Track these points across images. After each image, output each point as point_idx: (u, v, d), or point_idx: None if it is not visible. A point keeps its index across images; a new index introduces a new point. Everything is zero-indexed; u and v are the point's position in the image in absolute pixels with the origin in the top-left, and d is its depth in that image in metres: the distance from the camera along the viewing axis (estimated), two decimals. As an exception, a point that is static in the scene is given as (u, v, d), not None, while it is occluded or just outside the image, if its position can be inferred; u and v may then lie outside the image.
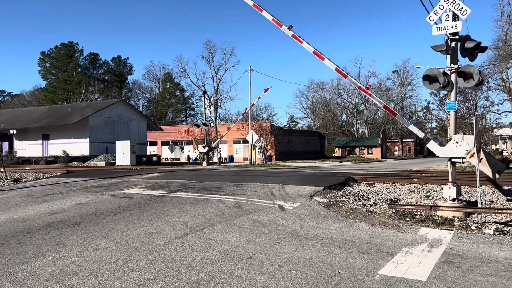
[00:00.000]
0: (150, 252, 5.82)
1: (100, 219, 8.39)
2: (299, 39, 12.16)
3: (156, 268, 5.05)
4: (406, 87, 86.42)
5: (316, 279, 4.64)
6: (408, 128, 11.12)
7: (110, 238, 6.75)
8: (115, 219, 8.37)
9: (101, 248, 6.08)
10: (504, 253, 5.80)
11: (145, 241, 6.48)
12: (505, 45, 27.44)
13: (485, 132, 29.99)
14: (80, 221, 8.16)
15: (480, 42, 9.33)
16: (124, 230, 7.33)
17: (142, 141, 44.68)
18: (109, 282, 4.58)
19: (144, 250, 5.96)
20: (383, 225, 7.78)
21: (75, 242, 6.50)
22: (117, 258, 5.55)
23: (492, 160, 9.61)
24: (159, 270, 4.97)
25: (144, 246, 6.16)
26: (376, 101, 11.85)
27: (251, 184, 13.58)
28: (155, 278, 4.70)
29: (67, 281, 4.63)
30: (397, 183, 14.23)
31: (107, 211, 9.30)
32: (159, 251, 5.89)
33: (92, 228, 7.55)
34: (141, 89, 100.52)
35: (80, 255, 5.70)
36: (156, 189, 12.80)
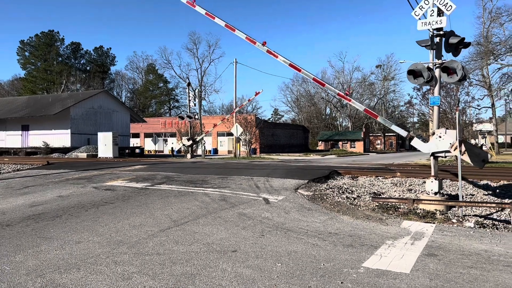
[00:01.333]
0: (133, 245, 5.75)
1: (82, 211, 8.26)
2: (274, 54, 12.39)
3: (140, 261, 5.00)
4: (389, 82, 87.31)
5: (301, 272, 4.66)
6: (391, 128, 11.25)
7: (92, 231, 6.64)
8: (98, 211, 8.25)
9: (84, 241, 5.98)
10: (484, 246, 5.91)
11: (129, 234, 6.40)
12: (486, 42, 27.93)
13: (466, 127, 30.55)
14: (61, 214, 8.01)
15: (463, 38, 9.45)
16: (107, 223, 7.23)
17: (125, 132, 44.14)
18: (92, 275, 4.51)
19: (128, 243, 5.88)
20: (366, 218, 7.85)
21: (57, 235, 6.38)
22: (100, 251, 5.47)
23: (476, 150, 9.79)
24: (143, 263, 4.92)
25: (128, 239, 6.09)
26: (357, 106, 12.06)
27: (236, 177, 13.56)
28: (139, 271, 4.65)
29: (49, 274, 4.54)
30: (380, 177, 14.40)
31: (89, 203, 9.16)
32: (143, 244, 5.83)
33: (74, 220, 7.42)
34: (124, 80, 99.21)
35: (61, 248, 5.60)
36: (140, 182, 12.67)
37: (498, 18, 26.99)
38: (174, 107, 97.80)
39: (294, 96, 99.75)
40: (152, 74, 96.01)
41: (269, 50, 12.39)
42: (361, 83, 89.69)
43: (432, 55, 9.75)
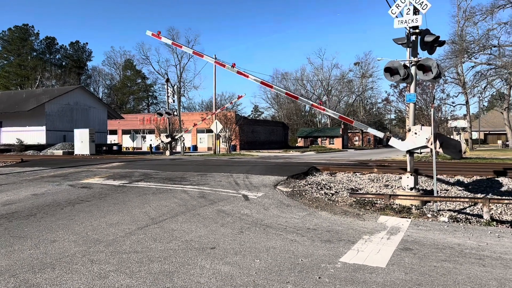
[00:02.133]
0: (110, 244, 5.67)
1: (58, 210, 8.10)
2: (244, 74, 12.77)
3: (117, 260, 4.93)
4: (367, 79, 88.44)
5: (279, 268, 4.69)
6: (367, 131, 11.48)
7: (68, 229, 6.52)
8: (74, 210, 8.10)
9: (59, 240, 5.87)
10: (457, 240, 6.07)
11: (106, 232, 6.31)
12: (460, 40, 28.57)
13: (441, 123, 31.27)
14: (36, 212, 7.83)
15: (438, 36, 9.64)
16: (83, 221, 7.11)
17: (102, 129, 43.40)
18: (67, 274, 4.43)
19: (105, 241, 5.80)
20: (344, 214, 7.95)
21: (31, 234, 6.24)
22: (76, 250, 5.38)
23: (452, 142, 10.03)
24: (120, 262, 4.86)
25: (105, 238, 6.00)
26: (331, 114, 12.34)
27: (215, 174, 13.52)
28: (116, 270, 4.59)
29: (22, 274, 4.44)
30: (358, 173, 14.60)
31: (65, 201, 8.98)
32: (120, 242, 5.75)
33: (49, 219, 7.27)
34: (101, 75, 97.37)
35: (36, 248, 5.48)
36: (117, 179, 12.49)
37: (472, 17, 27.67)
38: (153, 103, 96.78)
39: (273, 92, 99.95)
40: (130, 70, 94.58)
41: (239, 71, 12.81)
42: (339, 80, 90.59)
43: (409, 53, 9.92)
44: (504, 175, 13.17)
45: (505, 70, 25.57)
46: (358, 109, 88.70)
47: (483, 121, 77.08)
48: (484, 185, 12.27)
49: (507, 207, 10.16)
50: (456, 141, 9.84)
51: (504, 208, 10.14)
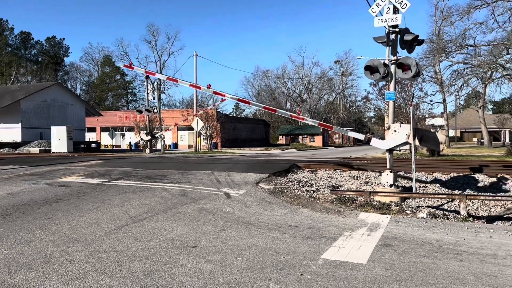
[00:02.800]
0: (89, 243, 5.57)
1: (35, 209, 7.90)
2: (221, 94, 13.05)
3: (96, 259, 4.85)
4: (347, 77, 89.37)
5: (261, 265, 4.68)
6: (347, 134, 11.64)
7: (45, 229, 6.37)
8: (51, 209, 7.92)
9: (36, 240, 5.73)
10: (435, 235, 6.19)
11: (84, 232, 6.19)
12: (438, 39, 29.11)
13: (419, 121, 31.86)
14: (11, 212, 7.63)
15: (418, 35, 9.79)
16: (61, 220, 6.96)
17: (80, 127, 42.63)
18: (45, 275, 4.33)
19: (83, 241, 5.69)
20: (325, 211, 8.01)
21: (6, 234, 6.07)
22: (53, 250, 5.26)
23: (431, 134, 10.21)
24: (99, 261, 4.77)
25: (83, 237, 5.89)
26: (310, 122, 12.54)
27: (196, 172, 13.43)
28: (95, 269, 4.51)
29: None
30: (339, 170, 14.73)
31: (42, 200, 8.77)
32: (100, 241, 5.65)
33: (26, 218, 7.09)
34: (79, 72, 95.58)
35: (12, 248, 5.33)
36: (96, 177, 12.28)
37: (449, 17, 28.23)
38: (132, 100, 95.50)
39: (255, 90, 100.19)
40: (108, 66, 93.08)
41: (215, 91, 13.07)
42: (320, 78, 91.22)
43: (388, 52, 10.04)
44: (480, 171, 13.50)
45: (481, 69, 26.21)
46: (338, 107, 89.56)
47: (460, 119, 78.85)
48: (461, 181, 12.55)
49: (483, 203, 10.41)
50: (434, 133, 10.04)
51: (480, 204, 10.39)
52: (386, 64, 9.86)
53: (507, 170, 13.66)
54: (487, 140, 52.99)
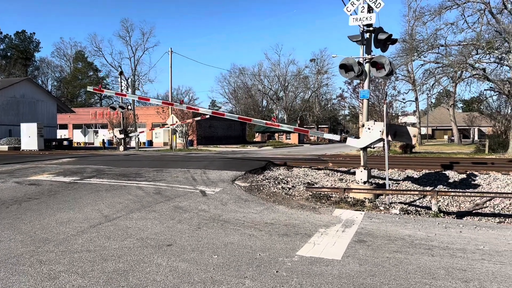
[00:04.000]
0: (61, 243, 5.43)
1: (3, 208, 7.65)
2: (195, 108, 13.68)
3: (68, 260, 4.73)
4: (322, 76, 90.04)
5: (237, 263, 4.67)
6: (324, 137, 11.85)
7: (14, 229, 6.17)
8: (21, 208, 7.68)
9: (4, 240, 5.54)
10: (408, 231, 6.32)
11: (56, 231, 6.03)
12: (411, 39, 29.71)
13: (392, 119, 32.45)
14: (-22, 212, 7.36)
15: (391, 35, 9.95)
16: (31, 220, 6.76)
17: (52, 124, 41.54)
18: (14, 276, 4.19)
19: (55, 240, 5.54)
20: (301, 207, 8.06)
21: (-28, 235, 5.85)
22: (23, 250, 5.10)
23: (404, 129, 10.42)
24: (71, 262, 4.66)
25: (55, 237, 5.73)
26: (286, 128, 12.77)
27: (171, 170, 13.29)
28: (67, 270, 4.40)
29: (-37, 278, 4.15)
30: (314, 167, 14.86)
31: (11, 199, 8.50)
32: (72, 241, 5.52)
33: (-7, 218, 6.85)
34: (50, 67, 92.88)
35: (-22, 249, 5.14)
36: (68, 176, 11.99)
37: (421, 17, 28.83)
38: (106, 97, 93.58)
39: (231, 87, 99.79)
40: (81, 62, 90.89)
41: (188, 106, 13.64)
42: (296, 76, 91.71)
43: (362, 50, 10.17)
44: (450, 168, 13.87)
45: (451, 69, 26.92)
46: (314, 105, 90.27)
47: (431, 117, 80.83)
48: (433, 178, 12.87)
49: (453, 199, 10.71)
50: (406, 128, 10.27)
51: (450, 200, 10.68)
52: (360, 63, 9.99)
53: (476, 167, 14.10)
54: (457, 138, 54.58)
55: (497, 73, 27.20)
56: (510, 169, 13.27)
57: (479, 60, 26.21)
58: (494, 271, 4.48)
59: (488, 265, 4.70)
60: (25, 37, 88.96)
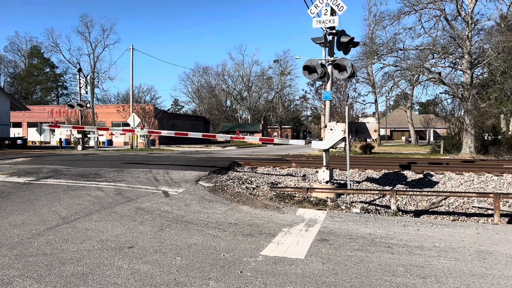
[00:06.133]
0: (15, 246, 5.17)
1: (-50, 211, 7.20)
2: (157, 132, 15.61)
3: (22, 264, 4.51)
4: (286, 77, 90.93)
5: (201, 264, 4.62)
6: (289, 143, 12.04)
7: (-37, 232, 5.82)
8: (-30, 210, 7.26)
9: (-48, 245, 5.21)
10: (369, 230, 6.48)
11: (9, 234, 5.74)
12: (371, 43, 30.49)
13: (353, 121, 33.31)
14: None
15: (353, 38, 10.17)
16: (-19, 223, 6.40)
17: (4, 121, 39.57)
18: (-38, 284, 3.95)
19: (8, 244, 5.27)
20: (265, 207, 8.09)
21: None
22: (-28, 255, 4.82)
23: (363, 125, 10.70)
24: (26, 266, 4.45)
25: (8, 240, 5.46)
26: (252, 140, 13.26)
27: (133, 170, 12.99)
28: (21, 274, 4.19)
29: None
30: (277, 167, 14.96)
31: (-41, 201, 8.02)
32: (26, 244, 5.27)
33: None
34: (3, 63, 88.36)
35: None
36: (22, 176, 11.46)
37: (381, 21, 29.66)
38: (63, 94, 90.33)
39: (195, 86, 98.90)
40: (37, 58, 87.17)
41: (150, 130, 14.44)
42: (259, 77, 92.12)
43: (325, 52, 10.35)
44: (408, 168, 14.36)
45: (409, 72, 27.87)
46: (277, 106, 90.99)
47: (390, 119, 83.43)
48: (391, 178, 13.27)
49: (411, 198, 11.09)
50: (365, 124, 10.59)
51: (408, 199, 11.06)
52: (323, 65, 10.15)
53: (432, 167, 14.66)
54: (414, 139, 56.61)
55: (451, 77, 28.42)
56: (463, 169, 13.90)
57: (435, 64, 27.28)
58: (450, 267, 4.66)
59: (444, 261, 4.89)
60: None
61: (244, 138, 12.40)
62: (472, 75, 25.96)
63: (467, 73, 25.57)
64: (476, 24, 25.47)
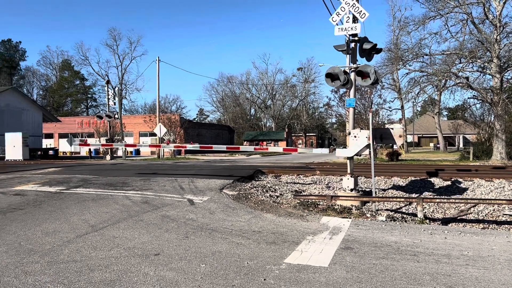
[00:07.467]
0: (47, 253, 5.37)
1: (-13, 219, 7.53)
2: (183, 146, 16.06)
3: (54, 270, 4.68)
4: (309, 84, 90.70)
5: (225, 271, 4.68)
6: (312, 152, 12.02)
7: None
8: (5, 219, 7.57)
9: (-12, 252, 5.46)
10: (394, 238, 6.39)
11: (41, 242, 5.96)
12: (396, 48, 30.13)
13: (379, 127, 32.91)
14: (-39, 223, 7.23)
15: (376, 44, 10.12)
16: (16, 230, 6.67)
17: (37, 133, 40.97)
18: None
19: (40, 251, 5.48)
20: (288, 215, 8.10)
21: (-45, 246, 5.75)
22: (8, 261, 5.03)
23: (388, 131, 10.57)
24: (57, 272, 4.61)
25: (40, 247, 5.67)
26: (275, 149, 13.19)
27: (159, 179, 13.23)
28: (52, 280, 4.35)
29: None
30: (301, 175, 14.93)
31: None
32: (58, 251, 5.46)
33: (-23, 230, 6.74)
34: (36, 76, 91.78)
35: (-39, 261, 5.06)
36: (54, 185, 11.85)
37: (406, 27, 29.29)
38: (92, 106, 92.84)
39: (219, 96, 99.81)
40: (67, 71, 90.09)
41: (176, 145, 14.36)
42: (283, 85, 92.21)
43: (348, 60, 10.32)
44: (435, 175, 14.07)
45: (436, 78, 27.36)
46: (301, 113, 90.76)
47: (417, 125, 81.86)
48: (418, 185, 13.03)
49: (438, 206, 10.86)
50: (389, 130, 10.47)
51: (435, 207, 10.82)
52: (346, 72, 10.13)
53: (461, 174, 14.32)
54: (443, 145, 55.33)
55: (480, 81, 27.74)
56: (493, 176, 13.51)
57: (462, 69, 26.68)
58: (478, 276, 4.56)
59: (472, 270, 4.78)
60: (10, 46, 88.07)
61: (267, 149, 12.43)
62: (502, 79, 25.26)
63: (496, 77, 24.90)
64: (504, 27, 24.82)
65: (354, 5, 9.88)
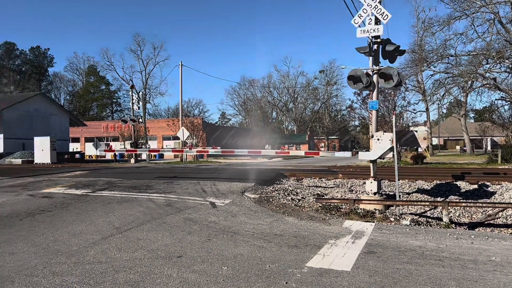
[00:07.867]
0: (73, 254, 5.51)
1: (17, 221, 7.78)
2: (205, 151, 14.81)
3: (80, 271, 4.80)
4: (332, 87, 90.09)
5: (246, 274, 4.70)
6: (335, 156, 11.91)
7: (28, 240, 6.28)
8: (34, 220, 7.81)
9: (18, 252, 5.64)
10: (418, 242, 6.28)
11: (68, 243, 6.12)
12: (420, 50, 29.65)
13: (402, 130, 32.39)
14: (-7, 224, 7.49)
15: (399, 46, 9.99)
16: (44, 232, 6.87)
17: (64, 137, 42.10)
18: (27, 287, 4.27)
19: (67, 252, 5.63)
20: (310, 219, 8.06)
21: (-13, 246, 5.96)
22: (36, 262, 5.19)
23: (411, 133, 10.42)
24: (83, 273, 4.73)
25: (67, 248, 5.82)
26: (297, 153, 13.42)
27: (182, 182, 13.38)
28: (79, 281, 4.46)
29: (-22, 289, 4.24)
30: (324, 178, 14.83)
31: (24, 212, 8.64)
32: (84, 252, 5.60)
33: (8, 230, 6.98)
34: (63, 82, 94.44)
35: (-7, 261, 5.24)
36: (80, 188, 12.15)
37: (430, 27, 28.79)
38: (117, 110, 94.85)
39: (241, 99, 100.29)
40: (93, 76, 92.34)
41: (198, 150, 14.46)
42: (305, 88, 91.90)
43: (371, 62, 10.23)
44: (462, 179, 13.74)
45: (462, 79, 26.79)
46: (323, 116, 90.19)
47: (443, 127, 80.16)
48: (444, 189, 12.75)
49: (464, 210, 10.60)
50: (413, 132, 10.34)
51: (462, 211, 10.57)
52: (368, 74, 10.03)
53: (488, 177, 13.94)
54: (469, 148, 53.97)
55: (508, 82, 27.03)
56: (523, 179, 13.10)
57: (489, 69, 26.05)
58: (506, 282, 4.44)
59: (500, 276, 4.66)
60: (39, 53, 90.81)
61: (289, 153, 12.39)
62: (531, 80, 24.54)
63: (525, 78, 24.20)
64: (534, 26, 24.12)
65: (376, 6, 9.79)
